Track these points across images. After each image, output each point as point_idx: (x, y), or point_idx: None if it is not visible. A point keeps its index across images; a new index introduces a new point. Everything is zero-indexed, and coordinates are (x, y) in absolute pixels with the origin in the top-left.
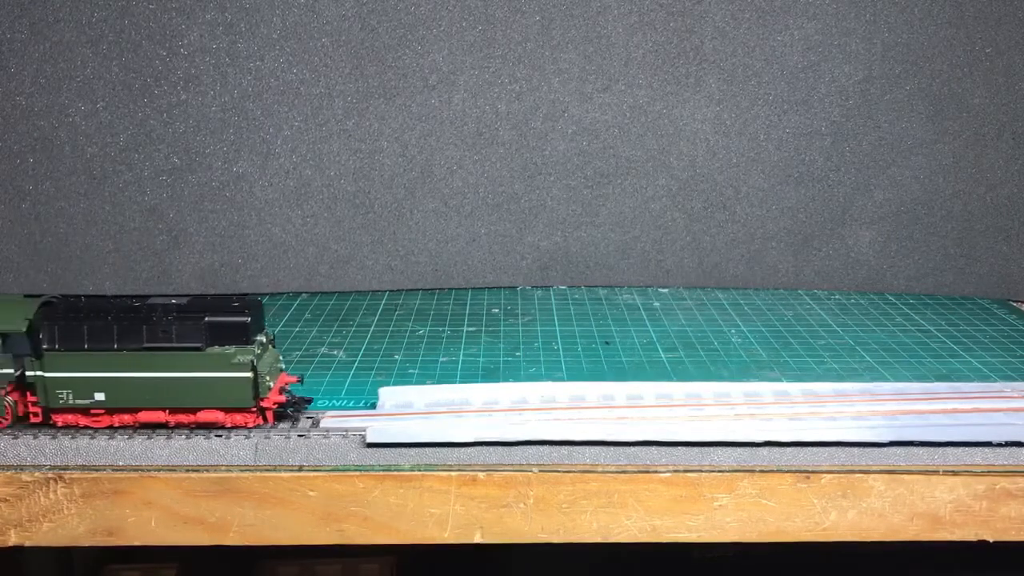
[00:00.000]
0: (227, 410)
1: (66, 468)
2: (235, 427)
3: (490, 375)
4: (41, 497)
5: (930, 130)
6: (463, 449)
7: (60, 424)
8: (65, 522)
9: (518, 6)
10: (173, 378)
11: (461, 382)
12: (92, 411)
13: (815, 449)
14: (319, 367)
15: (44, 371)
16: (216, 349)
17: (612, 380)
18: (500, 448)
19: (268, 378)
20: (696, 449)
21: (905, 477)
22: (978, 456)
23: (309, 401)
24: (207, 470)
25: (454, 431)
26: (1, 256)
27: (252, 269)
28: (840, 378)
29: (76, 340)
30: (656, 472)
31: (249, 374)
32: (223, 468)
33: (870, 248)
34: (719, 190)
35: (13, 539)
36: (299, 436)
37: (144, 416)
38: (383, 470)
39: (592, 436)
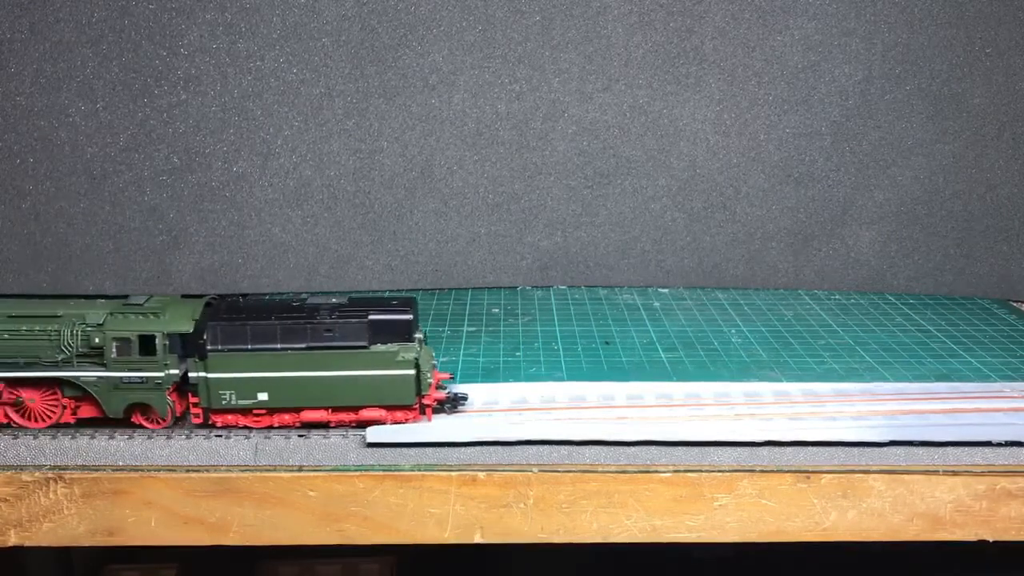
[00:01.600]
0: (389, 408)
1: (66, 468)
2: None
3: (490, 375)
4: (41, 497)
5: (930, 130)
6: (463, 449)
7: (220, 425)
8: (65, 522)
9: (518, 6)
10: (336, 377)
11: (461, 382)
12: (254, 412)
13: (815, 449)
14: None
15: (207, 372)
16: (379, 347)
17: (612, 380)
18: (500, 448)
19: (428, 375)
20: (696, 449)
21: (905, 477)
22: (978, 456)
23: (465, 398)
24: (207, 470)
25: (454, 431)
26: (1, 256)
27: (252, 269)
28: (840, 378)
29: (240, 340)
30: (656, 472)
31: (412, 371)
32: (223, 468)
33: (870, 248)
34: (719, 190)
35: (13, 539)
36: (299, 436)
37: (306, 415)
38: (383, 470)
39: (592, 436)
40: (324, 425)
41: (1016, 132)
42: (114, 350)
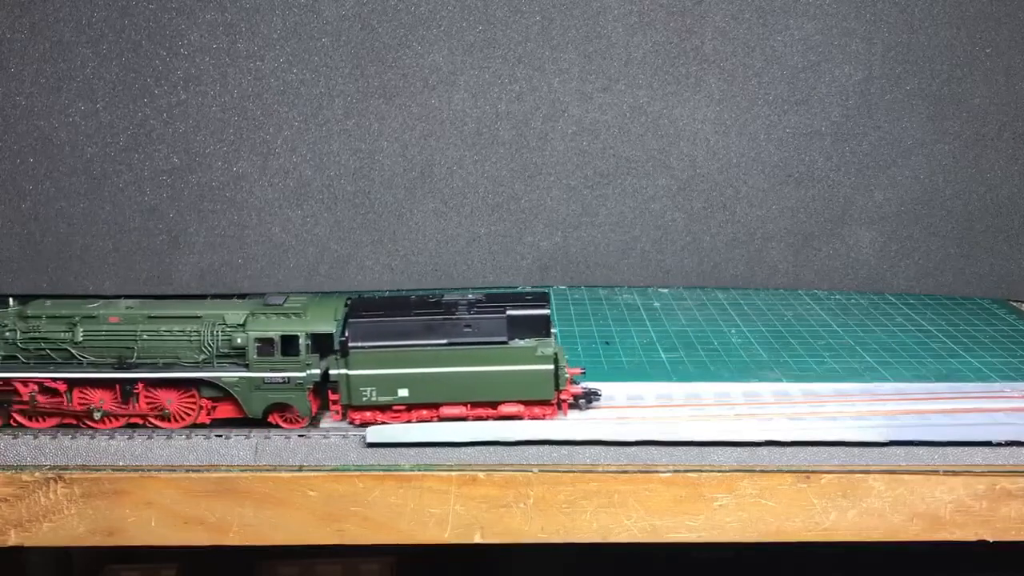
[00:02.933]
0: (527, 403)
1: (66, 468)
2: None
3: None
4: (41, 497)
5: (930, 130)
6: (463, 449)
7: (358, 422)
8: (65, 522)
9: (518, 6)
10: (475, 372)
11: None
12: (392, 408)
13: (815, 449)
14: None
15: (348, 369)
16: (519, 343)
17: (612, 380)
18: (500, 448)
19: (564, 370)
20: (696, 449)
21: (905, 477)
22: (978, 456)
23: (599, 394)
24: (207, 470)
25: (454, 431)
26: (1, 256)
27: (252, 269)
28: (840, 378)
29: (381, 337)
30: (656, 472)
31: (551, 367)
32: (223, 468)
33: (870, 248)
34: (719, 190)
35: (13, 539)
36: (299, 436)
37: (444, 411)
38: (383, 470)
39: (592, 436)
40: (462, 420)
41: (1016, 132)
42: (256, 350)
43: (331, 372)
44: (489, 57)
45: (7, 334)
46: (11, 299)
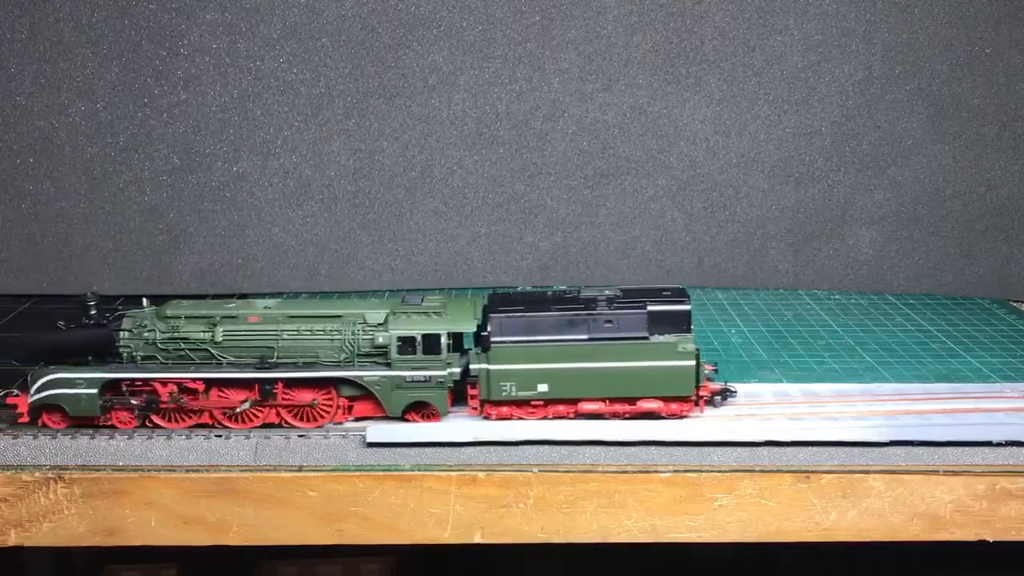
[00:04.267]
0: (666, 399)
1: (66, 468)
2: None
3: None
4: (41, 497)
5: (930, 130)
6: (463, 449)
7: (495, 417)
8: (65, 522)
9: (518, 6)
10: (615, 368)
11: None
12: (531, 404)
13: (815, 449)
14: None
15: (489, 364)
16: (660, 338)
17: None
18: (500, 448)
19: (703, 366)
20: (696, 449)
21: (905, 477)
22: (978, 456)
23: (735, 391)
24: (207, 470)
25: (454, 431)
26: (1, 256)
27: (252, 269)
28: (840, 378)
29: (522, 332)
30: (656, 472)
31: (692, 363)
32: (223, 468)
33: (870, 248)
34: (719, 190)
35: (13, 539)
36: (299, 436)
37: (583, 407)
38: (383, 470)
39: (592, 436)
40: (600, 416)
41: (1016, 132)
42: (398, 349)
43: (471, 367)
44: (489, 57)
45: (147, 334)
46: (145, 299)
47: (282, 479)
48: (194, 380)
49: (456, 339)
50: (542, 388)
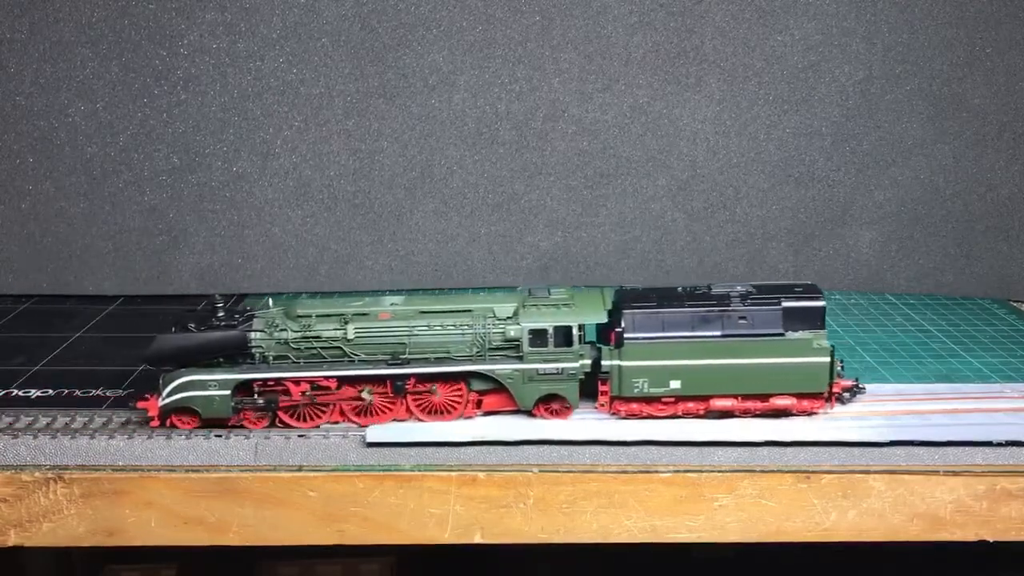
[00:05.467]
0: (799, 396)
1: (66, 468)
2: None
3: None
4: (41, 497)
5: (930, 130)
6: (463, 449)
7: (624, 414)
8: (65, 522)
9: (518, 6)
10: (749, 365)
11: None
12: (660, 400)
13: (815, 449)
14: None
15: (622, 360)
16: (795, 335)
17: None
18: (500, 448)
19: (837, 363)
20: (696, 449)
21: (905, 477)
22: (978, 456)
23: (864, 388)
24: (207, 470)
25: (454, 431)
26: (1, 256)
27: (252, 269)
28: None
29: (655, 328)
30: (656, 472)
31: (827, 359)
32: (223, 468)
33: (870, 248)
34: (719, 190)
35: (13, 539)
36: (299, 436)
37: (714, 404)
38: (383, 470)
39: (592, 436)
40: (730, 414)
41: (1016, 132)
42: (529, 342)
43: (603, 363)
44: (489, 57)
45: (279, 333)
46: (269, 299)
47: (282, 479)
48: (327, 378)
49: (591, 330)
50: (674, 385)
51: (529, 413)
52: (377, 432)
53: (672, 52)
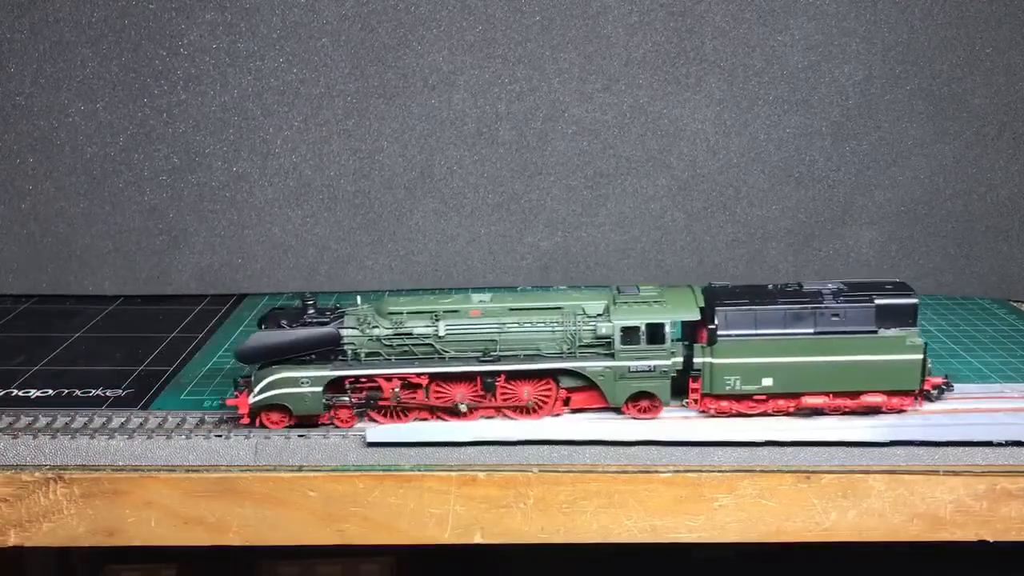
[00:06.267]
0: (890, 393)
1: (66, 468)
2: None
3: None
4: (41, 497)
5: (930, 130)
6: (463, 449)
7: (714, 411)
8: (65, 522)
9: (518, 6)
10: (841, 362)
11: None
12: (752, 398)
13: (815, 449)
14: None
15: (714, 357)
16: (888, 332)
17: None
18: (500, 448)
19: (928, 360)
20: (696, 449)
21: (905, 477)
22: (978, 456)
23: (952, 385)
24: (207, 470)
25: (454, 431)
26: (1, 256)
27: (252, 269)
28: None
29: (748, 326)
30: (656, 472)
31: (920, 356)
32: (223, 468)
33: (870, 248)
34: (719, 190)
35: (13, 539)
36: (299, 436)
37: (805, 401)
38: (383, 470)
39: (592, 436)
40: (820, 412)
41: (1016, 132)
42: (621, 339)
43: (695, 360)
44: (489, 57)
45: (371, 330)
46: (358, 297)
47: (282, 479)
48: (418, 375)
49: (681, 327)
50: (767, 382)
51: (618, 411)
52: (377, 432)
53: (672, 52)
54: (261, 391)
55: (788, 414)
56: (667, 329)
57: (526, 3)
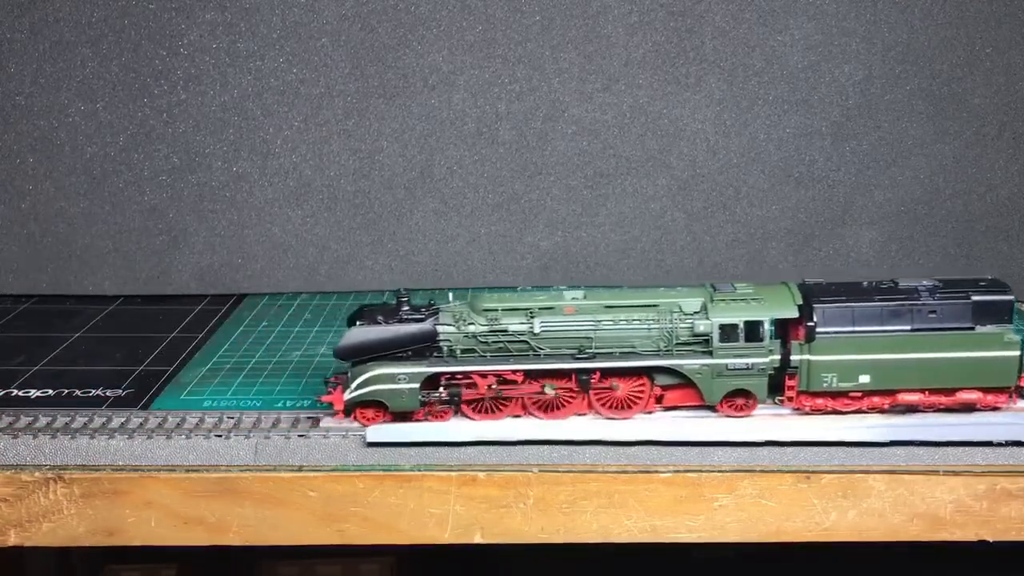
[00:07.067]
0: (986, 390)
1: (66, 468)
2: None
3: None
4: (41, 497)
5: (930, 130)
6: (463, 449)
7: (809, 409)
8: (65, 522)
9: (518, 6)
10: (938, 359)
11: None
12: (847, 395)
13: (815, 449)
14: (319, 367)
15: (811, 354)
16: (984, 328)
17: None
18: (500, 448)
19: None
20: (696, 449)
21: (905, 477)
22: (978, 456)
23: None
24: (207, 470)
25: (454, 431)
26: (1, 256)
27: (252, 269)
28: None
29: (845, 322)
30: (656, 472)
31: (1017, 353)
32: (223, 468)
33: (870, 248)
34: (719, 190)
35: (13, 539)
36: (299, 436)
37: (901, 398)
38: (383, 470)
39: (592, 436)
40: (915, 409)
41: (1016, 132)
42: (719, 337)
43: (792, 357)
44: (489, 57)
45: (467, 327)
46: (450, 293)
47: (282, 479)
48: (514, 372)
49: (778, 325)
50: (863, 379)
51: (711, 408)
52: (377, 432)
53: (672, 52)
54: (358, 387)
55: (883, 411)
56: (765, 326)
57: (526, 3)
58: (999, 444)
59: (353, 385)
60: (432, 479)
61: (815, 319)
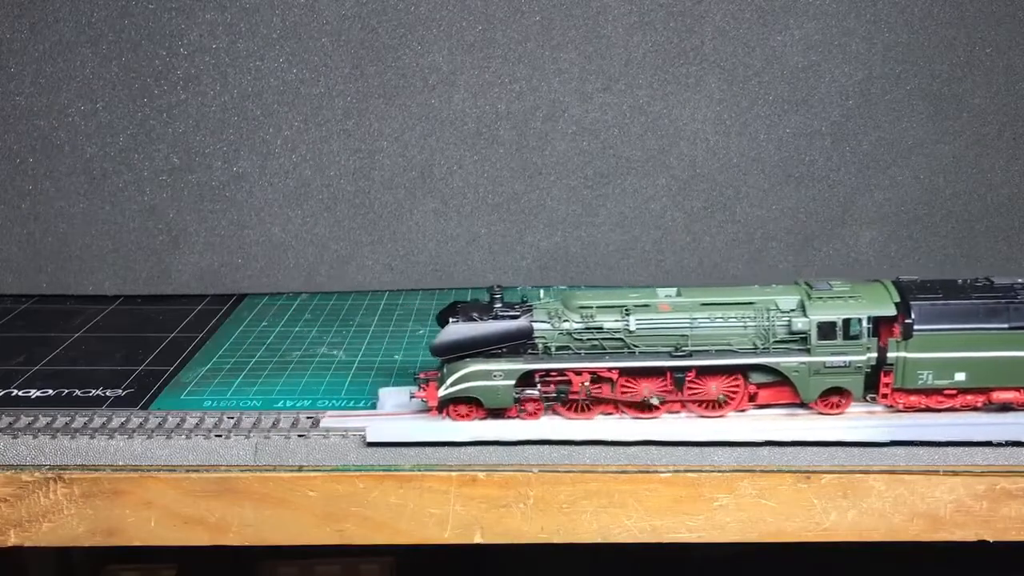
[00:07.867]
0: None
1: (66, 468)
2: None
3: None
4: (41, 497)
5: (930, 130)
6: (463, 449)
7: (903, 407)
8: (65, 522)
9: (518, 6)
10: None
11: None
12: (942, 392)
13: (815, 449)
14: (319, 367)
15: (908, 352)
16: None
17: None
18: (500, 448)
19: None
20: (696, 449)
21: (905, 477)
22: (978, 456)
23: None
24: (207, 470)
25: (454, 431)
26: (1, 256)
27: (252, 269)
28: None
29: (942, 320)
30: (656, 472)
31: None
32: (223, 468)
33: (870, 248)
34: (719, 190)
35: (13, 539)
36: (299, 436)
37: (997, 396)
38: (383, 470)
39: (592, 436)
40: (1009, 407)
41: (1016, 132)
42: (818, 334)
43: (889, 354)
44: (489, 57)
45: (563, 324)
46: (541, 291)
47: (282, 479)
48: (609, 369)
49: (875, 322)
50: (959, 377)
51: (804, 406)
52: (377, 432)
53: (672, 52)
54: (453, 383)
55: (977, 409)
56: (863, 324)
57: (526, 3)
58: (999, 444)
59: (448, 381)
60: (432, 479)
61: (912, 316)
